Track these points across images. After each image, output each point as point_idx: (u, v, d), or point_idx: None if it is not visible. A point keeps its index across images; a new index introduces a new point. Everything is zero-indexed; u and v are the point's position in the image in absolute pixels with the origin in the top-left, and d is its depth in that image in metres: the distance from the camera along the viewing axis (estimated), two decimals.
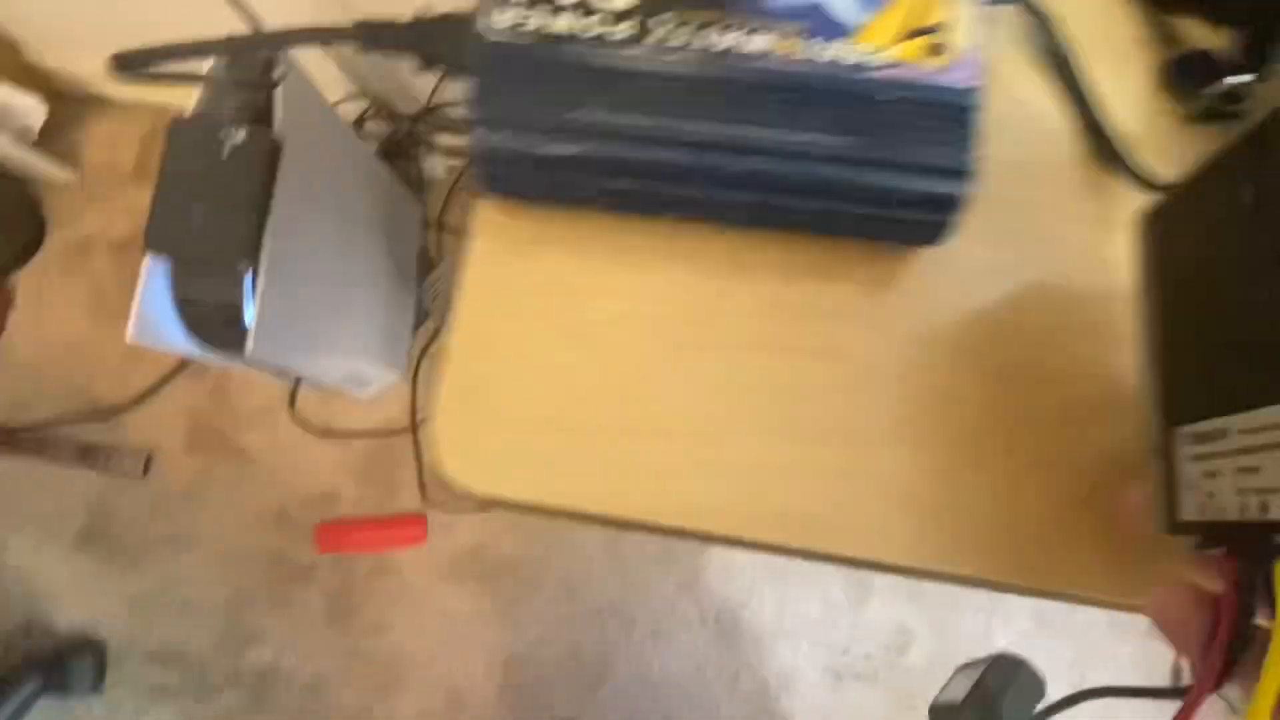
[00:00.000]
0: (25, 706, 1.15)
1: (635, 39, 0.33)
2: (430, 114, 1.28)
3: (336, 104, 1.25)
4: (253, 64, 0.83)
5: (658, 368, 0.37)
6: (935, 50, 0.34)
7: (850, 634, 1.25)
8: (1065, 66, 0.40)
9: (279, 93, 0.83)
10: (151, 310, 0.85)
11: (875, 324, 0.37)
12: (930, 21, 0.34)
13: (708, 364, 0.37)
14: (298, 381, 1.14)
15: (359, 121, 1.26)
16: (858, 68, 0.33)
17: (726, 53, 0.33)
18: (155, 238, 0.80)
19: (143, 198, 1.37)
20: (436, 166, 1.36)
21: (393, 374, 1.24)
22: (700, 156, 0.33)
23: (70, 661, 1.19)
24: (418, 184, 1.34)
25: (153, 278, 0.84)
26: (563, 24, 0.33)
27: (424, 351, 1.30)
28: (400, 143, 1.30)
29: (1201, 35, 0.41)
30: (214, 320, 0.86)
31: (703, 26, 0.34)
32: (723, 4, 0.34)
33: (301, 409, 1.27)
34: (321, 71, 1.17)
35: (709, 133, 0.33)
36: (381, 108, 1.26)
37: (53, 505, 1.28)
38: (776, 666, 1.26)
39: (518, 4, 0.34)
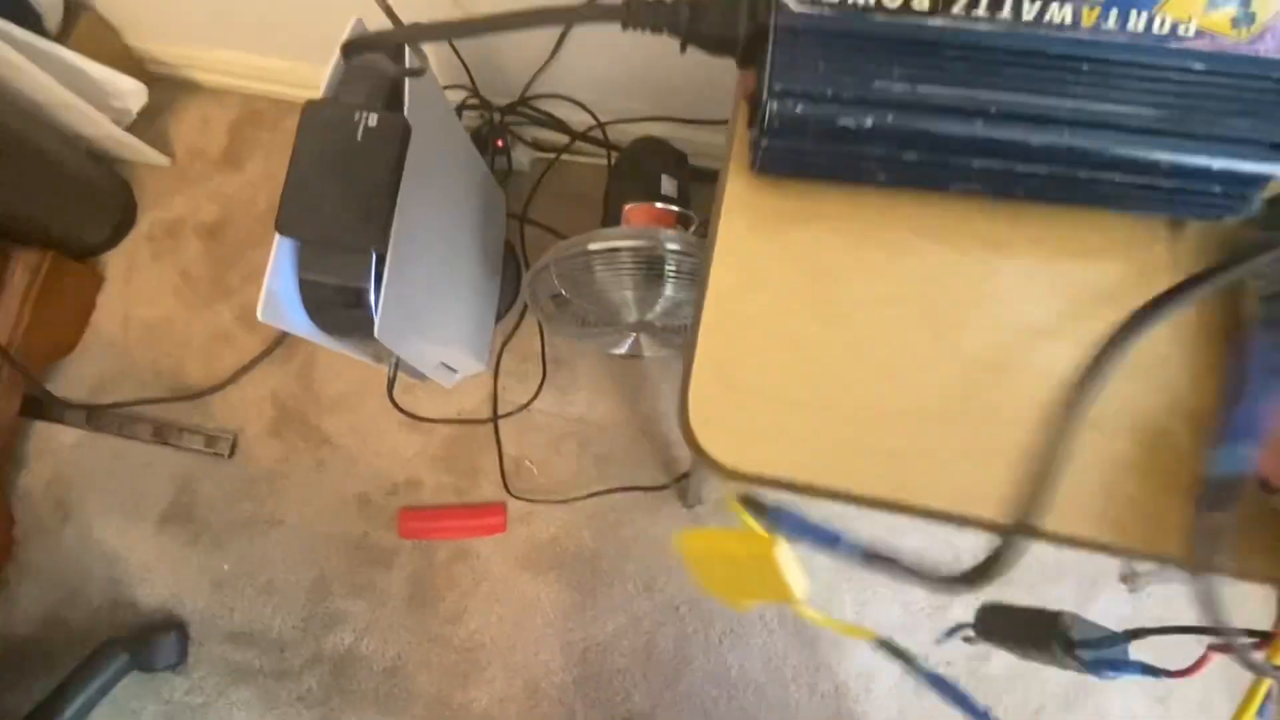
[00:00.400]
0: (113, 681, 1.15)
1: (938, 8, 0.33)
2: (522, 105, 1.28)
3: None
4: (385, 49, 0.83)
5: (915, 349, 0.36)
6: (1240, 20, 0.33)
7: (931, 639, 1.24)
8: None
9: (409, 79, 0.83)
10: (277, 290, 0.85)
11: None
12: None
13: (968, 345, 0.36)
14: (396, 367, 1.14)
15: (458, 109, 1.26)
16: (1166, 38, 0.33)
17: (1031, 22, 0.33)
18: (287, 220, 0.80)
19: (231, 183, 1.39)
20: (523, 159, 1.36)
21: (478, 363, 1.24)
22: (1002, 129, 0.33)
23: (155, 639, 1.19)
24: (504, 176, 1.35)
25: (280, 258, 0.84)
26: None
27: (504, 344, 1.31)
28: (491, 133, 1.30)
29: None
30: (336, 303, 0.87)
31: None
32: None
33: (386, 400, 1.28)
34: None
35: (1012, 103, 0.33)
36: (478, 96, 1.26)
37: (139, 485, 1.29)
38: (854, 669, 1.24)
39: None
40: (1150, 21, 0.33)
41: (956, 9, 0.33)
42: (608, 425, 1.29)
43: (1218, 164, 0.33)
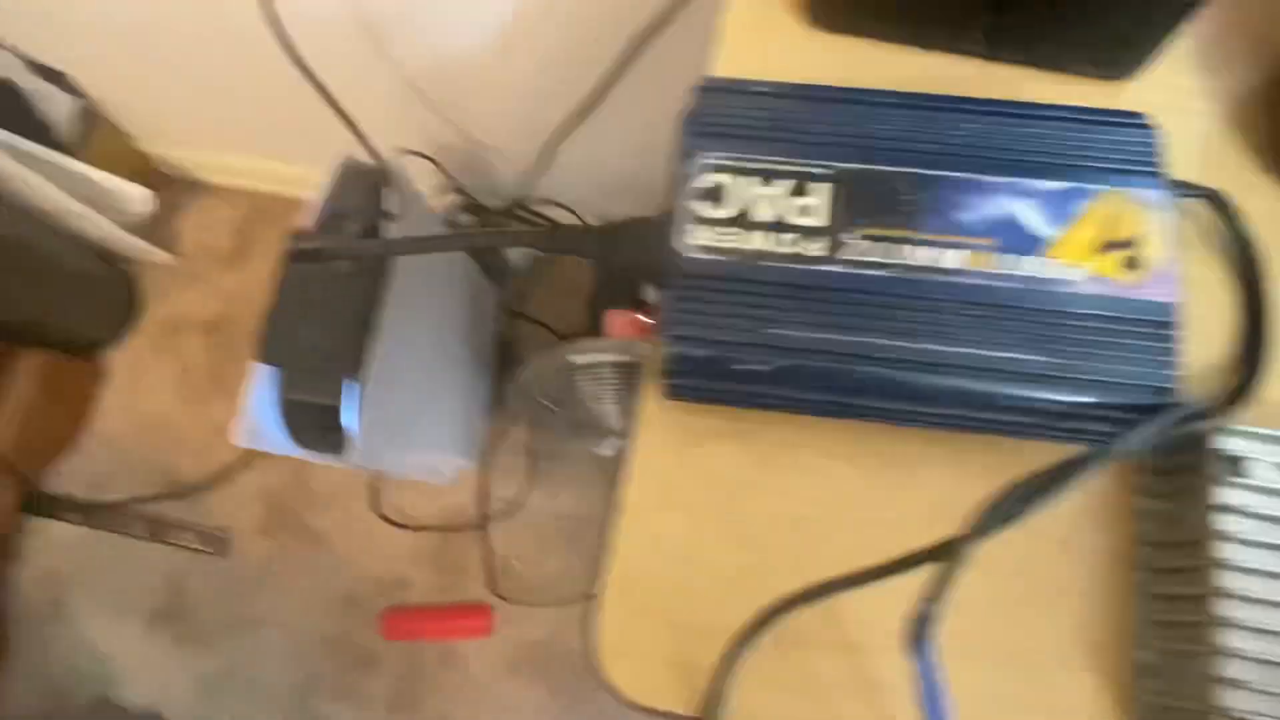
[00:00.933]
0: None
1: (829, 256, 0.34)
2: (516, 209, 1.31)
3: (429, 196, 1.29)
4: (367, 182, 0.87)
5: (826, 574, 0.37)
6: (1130, 264, 0.34)
7: None
8: (1248, 264, 0.39)
9: (391, 202, 0.86)
10: (256, 413, 0.87)
11: (1064, 538, 0.37)
12: (1123, 235, 0.34)
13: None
14: (378, 475, 1.16)
15: (455, 212, 1.29)
16: (1054, 282, 0.34)
17: (921, 269, 0.34)
18: (267, 349, 0.82)
19: (235, 280, 1.43)
20: (519, 257, 1.39)
21: (465, 461, 1.25)
22: (894, 373, 0.33)
23: None
24: (500, 273, 1.37)
25: (259, 383, 0.86)
26: (758, 241, 0.34)
27: (495, 439, 1.32)
28: None
29: None
30: (315, 423, 0.88)
31: (895, 243, 0.34)
32: (915, 220, 0.34)
33: (375, 495, 1.28)
34: (415, 164, 1.21)
35: (904, 350, 0.33)
36: (469, 201, 1.29)
37: (131, 582, 1.30)
38: None
39: (713, 221, 0.35)
40: (1041, 266, 0.34)
41: (849, 255, 0.34)
42: (597, 522, 1.29)
43: (1107, 404, 0.33)
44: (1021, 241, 0.34)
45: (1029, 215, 0.35)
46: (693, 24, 0.83)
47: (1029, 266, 0.34)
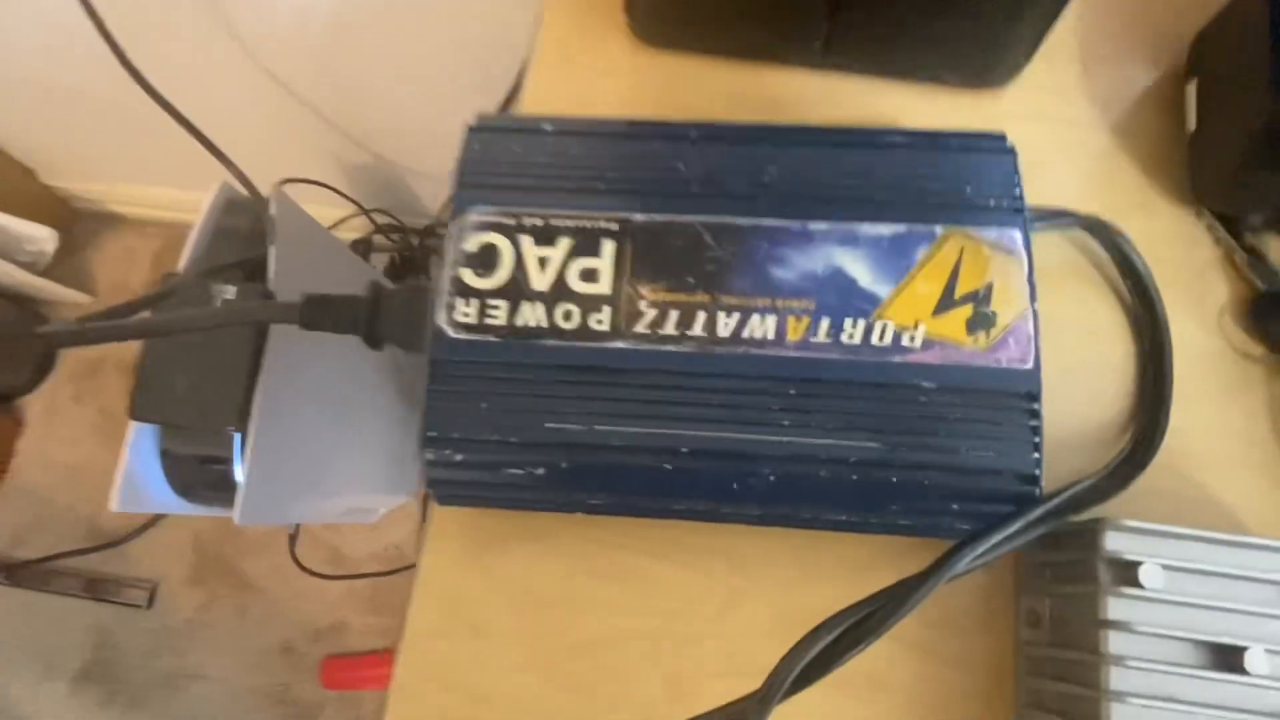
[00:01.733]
0: None
1: (616, 330, 0.28)
2: (441, 226, 1.25)
3: (340, 223, 1.23)
4: (246, 216, 0.80)
5: (649, 704, 0.31)
6: (978, 323, 0.28)
7: None
8: (1142, 300, 0.34)
9: (272, 245, 0.80)
10: (136, 475, 0.80)
11: (920, 645, 0.31)
12: (968, 288, 0.28)
13: (710, 691, 0.31)
14: (297, 527, 1.10)
15: (366, 241, 1.23)
16: (886, 351, 0.28)
17: (728, 339, 0.28)
18: (140, 404, 0.76)
19: None
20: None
21: (399, 497, 1.18)
22: (701, 467, 0.27)
23: None
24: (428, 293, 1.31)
25: (136, 441, 0.80)
26: (532, 316, 0.28)
27: None
28: (410, 258, 1.27)
29: None
30: (201, 477, 0.82)
31: (695, 310, 0.28)
32: (719, 282, 0.28)
33: (305, 539, 1.22)
34: (320, 194, 1.15)
35: (709, 440, 0.27)
36: (392, 222, 1.23)
37: (54, 640, 1.23)
38: None
39: (480, 293, 0.29)
40: (868, 332, 0.28)
41: (640, 328, 0.28)
42: None
43: (957, 502, 0.27)
44: (848, 302, 0.28)
45: (856, 268, 0.29)
46: None
47: (856, 333, 0.28)
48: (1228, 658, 0.26)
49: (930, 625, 0.31)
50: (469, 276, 0.29)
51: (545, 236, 0.29)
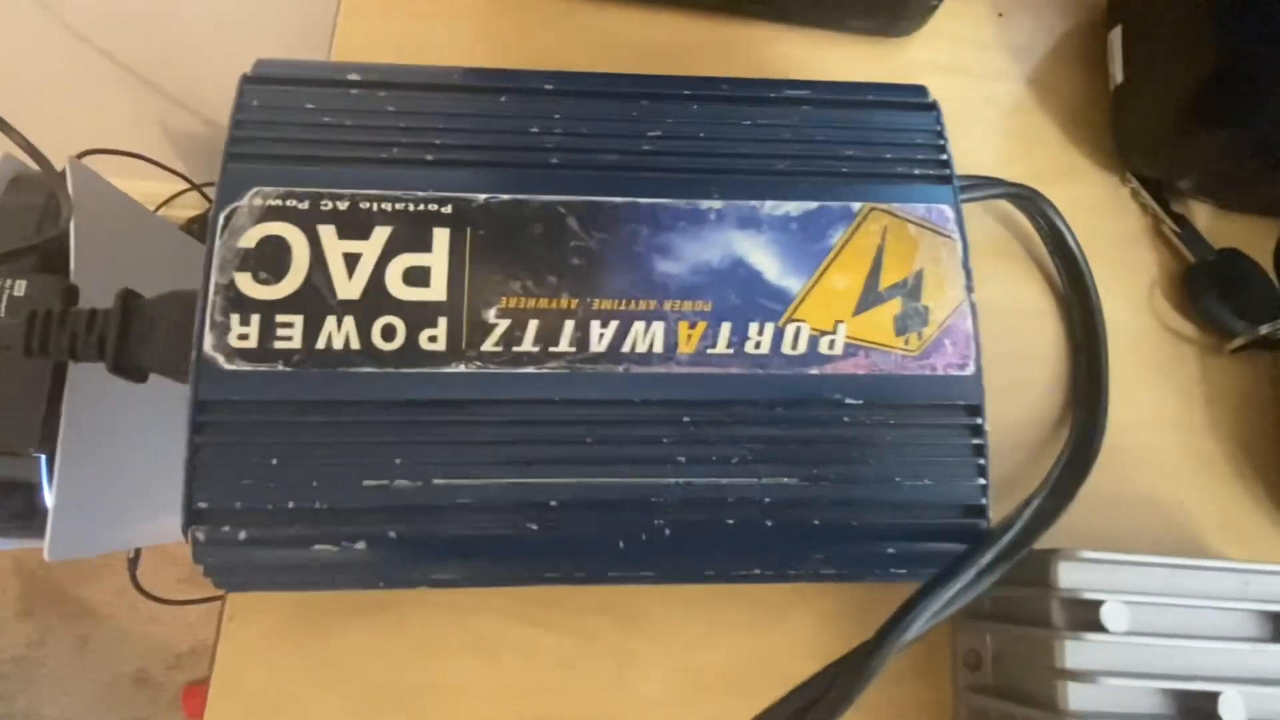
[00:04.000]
0: None
1: (459, 349, 0.21)
2: None
3: (172, 200, 1.08)
4: (33, 196, 0.67)
5: None
6: (908, 321, 0.23)
7: None
8: (1075, 274, 0.30)
9: (70, 226, 0.67)
10: None
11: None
12: (895, 277, 0.23)
13: None
14: (137, 551, 0.97)
15: (200, 221, 1.09)
16: (800, 362, 0.22)
17: (600, 359, 0.21)
18: None
19: None
20: None
21: None
22: (577, 524, 0.21)
23: None
24: None
25: None
26: (340, 334, 0.21)
27: None
28: None
29: (1218, 226, 0.32)
30: (4, 507, 0.69)
31: (562, 318, 0.22)
32: (589, 281, 0.22)
33: (153, 557, 1.09)
34: (143, 168, 1.00)
35: (587, 489, 0.21)
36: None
37: None
38: None
39: (264, 305, 0.21)
40: (778, 339, 0.22)
41: (489, 346, 0.21)
42: None
43: (892, 543, 0.22)
44: (751, 302, 0.22)
45: (760, 258, 0.23)
46: None
47: (764, 341, 0.22)
48: (1199, 704, 0.22)
49: None
50: (247, 284, 0.21)
51: (354, 225, 0.22)
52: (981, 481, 0.22)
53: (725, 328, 0.22)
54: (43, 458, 0.67)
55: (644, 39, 0.32)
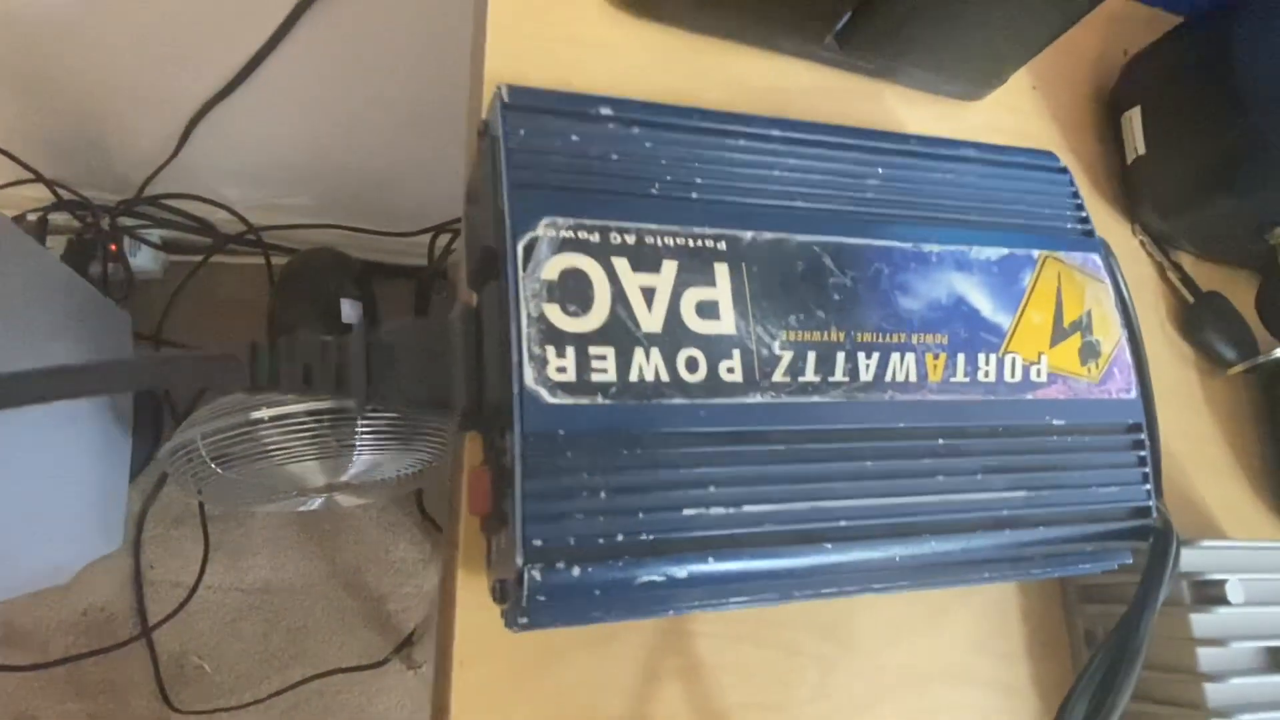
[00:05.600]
0: None
1: (753, 379, 0.22)
2: (142, 204, 1.00)
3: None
4: None
5: None
6: (1088, 353, 0.27)
7: None
8: (1125, 314, 0.35)
9: None
10: None
11: (983, 679, 0.30)
12: (1071, 316, 0.27)
13: None
14: None
15: (39, 221, 0.94)
16: (1020, 388, 0.25)
17: (871, 383, 0.23)
18: None
19: None
20: (149, 264, 1.07)
21: (106, 545, 0.94)
22: (863, 543, 0.23)
23: None
24: (124, 287, 1.04)
25: None
26: (650, 366, 0.21)
27: (146, 507, 1.02)
28: (95, 240, 1.00)
29: (1200, 274, 0.39)
30: None
31: (835, 349, 0.23)
32: (851, 315, 0.24)
33: None
34: None
35: (872, 510, 0.23)
36: (73, 197, 0.95)
37: None
38: None
39: (578, 338, 0.21)
40: (1001, 367, 0.25)
41: (779, 376, 0.23)
42: (300, 589, 1.06)
43: (1090, 543, 0.26)
44: (976, 335, 0.26)
45: (977, 296, 0.26)
46: None
47: (990, 370, 0.25)
48: None
49: (988, 656, 0.30)
50: (557, 316, 0.21)
51: (644, 259, 0.22)
52: (1147, 486, 0.27)
53: (960, 358, 0.25)
54: None
55: (765, 81, 0.34)
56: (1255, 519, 0.37)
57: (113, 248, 1.02)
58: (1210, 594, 0.28)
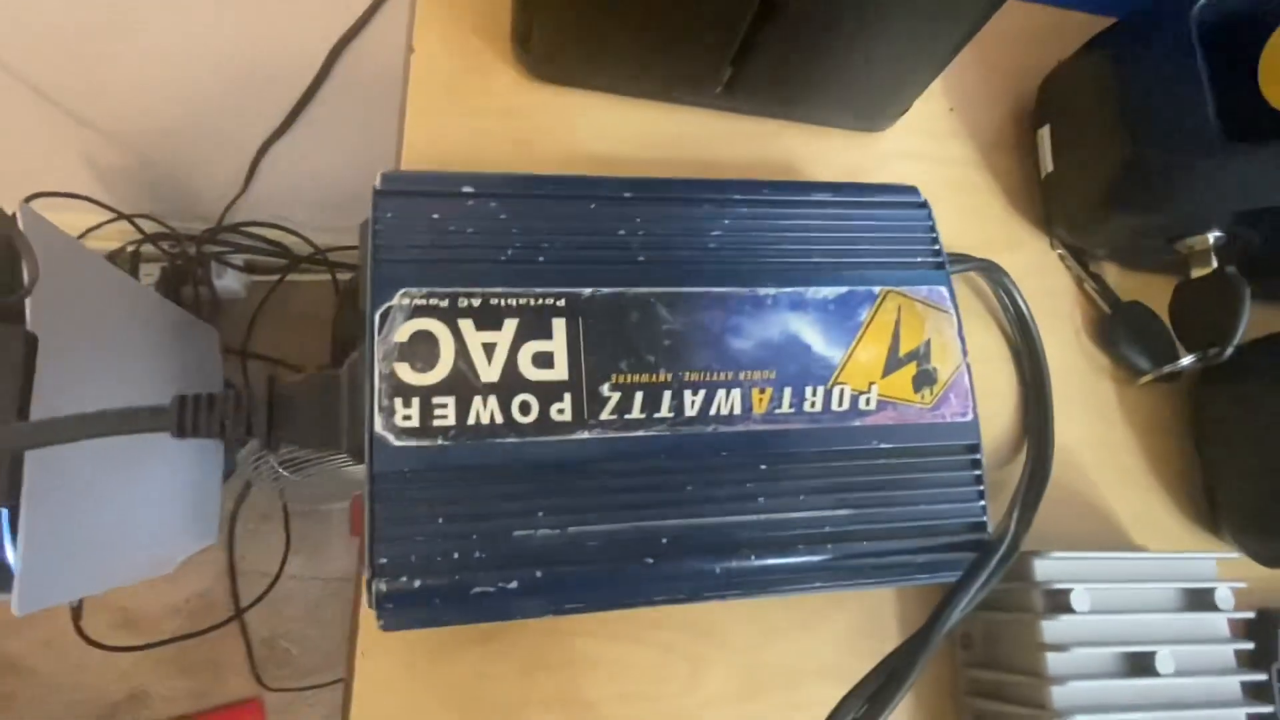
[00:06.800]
0: None
1: (582, 418, 0.26)
2: (224, 232, 1.11)
3: (91, 230, 1.05)
4: None
5: None
6: (922, 381, 0.29)
7: None
8: (1025, 330, 0.37)
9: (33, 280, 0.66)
10: None
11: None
12: (909, 346, 0.29)
13: None
14: (80, 600, 0.94)
15: (126, 251, 1.06)
16: (846, 416, 0.28)
17: (695, 417, 0.27)
18: None
19: None
20: (234, 284, 1.19)
21: (202, 541, 1.05)
22: (684, 557, 0.26)
23: None
24: (212, 308, 1.16)
25: None
26: (486, 411, 0.25)
27: (238, 505, 1.13)
28: (185, 267, 1.12)
29: (1123, 282, 0.40)
30: None
31: (661, 389, 0.27)
32: (680, 358, 0.27)
33: (84, 602, 1.05)
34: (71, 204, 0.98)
35: (692, 528, 0.26)
36: (161, 229, 1.07)
37: None
38: None
39: (422, 390, 0.25)
40: (828, 398, 0.28)
41: (606, 414, 0.26)
42: None
43: (920, 555, 0.28)
44: (806, 369, 0.28)
45: (809, 334, 0.29)
46: (399, 13, 0.71)
47: (817, 400, 0.28)
48: (1142, 662, 0.30)
49: (864, 657, 0.33)
50: (405, 372, 0.25)
51: (488, 318, 0.26)
52: (982, 503, 0.29)
53: (787, 391, 0.28)
54: (4, 511, 0.66)
55: (666, 131, 0.37)
56: (1172, 530, 0.37)
57: (201, 279, 1.14)
58: (1060, 602, 0.30)
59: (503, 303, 0.27)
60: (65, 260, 0.76)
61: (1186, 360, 0.36)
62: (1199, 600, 0.31)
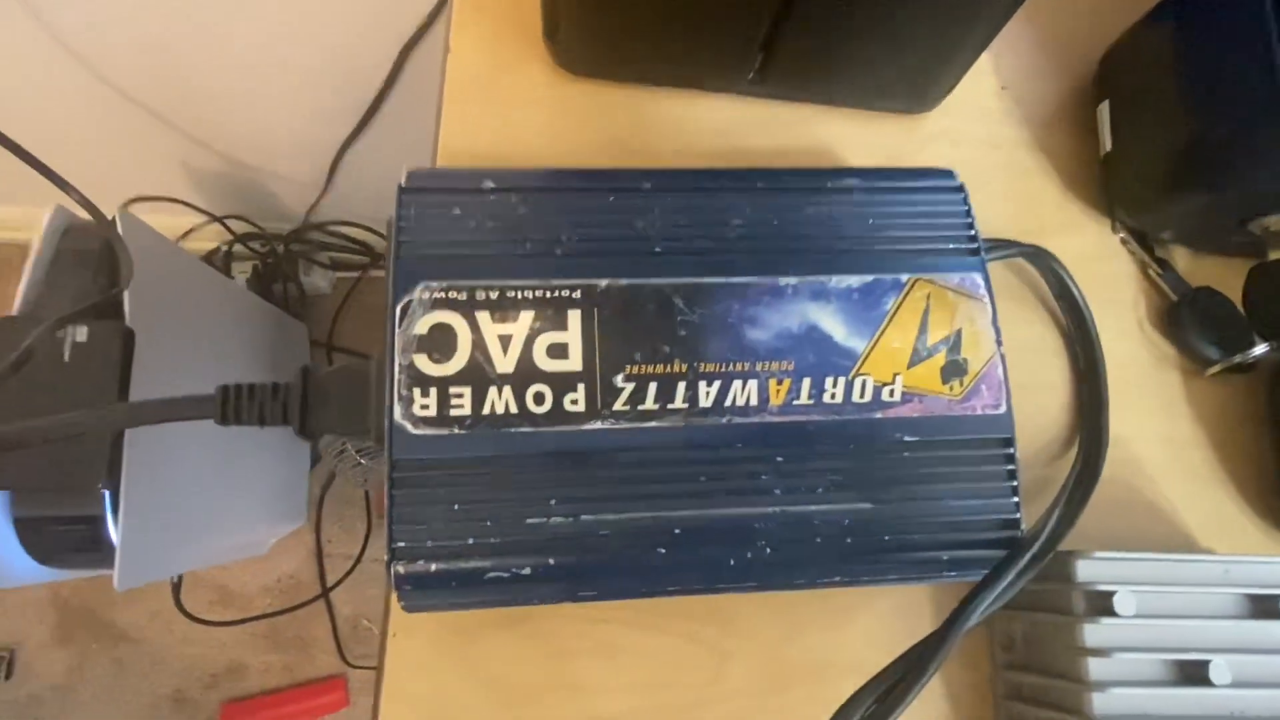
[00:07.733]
0: None
1: (592, 411, 0.26)
2: (309, 231, 1.16)
3: (189, 233, 1.12)
4: (86, 239, 0.71)
5: None
6: (952, 371, 0.28)
7: None
8: (1077, 318, 0.35)
9: (128, 280, 0.71)
10: None
11: None
12: (939, 335, 0.28)
13: None
14: (180, 576, 1.01)
15: (220, 251, 1.13)
16: (869, 408, 0.27)
17: (710, 409, 0.27)
18: None
19: None
20: (320, 281, 1.24)
21: (292, 523, 1.11)
22: (696, 548, 0.26)
23: None
24: (299, 303, 1.22)
25: None
26: (501, 401, 0.26)
27: (324, 491, 1.18)
28: (274, 266, 1.18)
29: (1194, 267, 0.37)
30: (66, 541, 0.73)
31: (676, 380, 0.27)
32: (695, 349, 0.27)
33: (187, 580, 1.13)
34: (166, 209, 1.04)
35: (704, 519, 0.26)
36: (251, 229, 1.13)
37: None
38: None
39: (438, 380, 0.26)
40: (849, 389, 0.28)
41: (619, 405, 0.27)
42: None
43: (946, 551, 0.27)
44: (826, 360, 0.28)
45: (831, 324, 0.28)
46: None
47: (837, 392, 0.27)
48: (1194, 671, 0.28)
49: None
50: (424, 363, 0.26)
51: (504, 311, 0.27)
52: (1015, 500, 0.28)
53: (806, 382, 0.27)
54: (107, 492, 0.71)
55: (699, 122, 0.37)
56: (1245, 530, 0.35)
57: (289, 275, 1.20)
58: (1102, 605, 0.28)
59: (519, 295, 0.27)
60: (162, 261, 0.82)
61: (1261, 348, 0.33)
62: (1265, 608, 0.29)
